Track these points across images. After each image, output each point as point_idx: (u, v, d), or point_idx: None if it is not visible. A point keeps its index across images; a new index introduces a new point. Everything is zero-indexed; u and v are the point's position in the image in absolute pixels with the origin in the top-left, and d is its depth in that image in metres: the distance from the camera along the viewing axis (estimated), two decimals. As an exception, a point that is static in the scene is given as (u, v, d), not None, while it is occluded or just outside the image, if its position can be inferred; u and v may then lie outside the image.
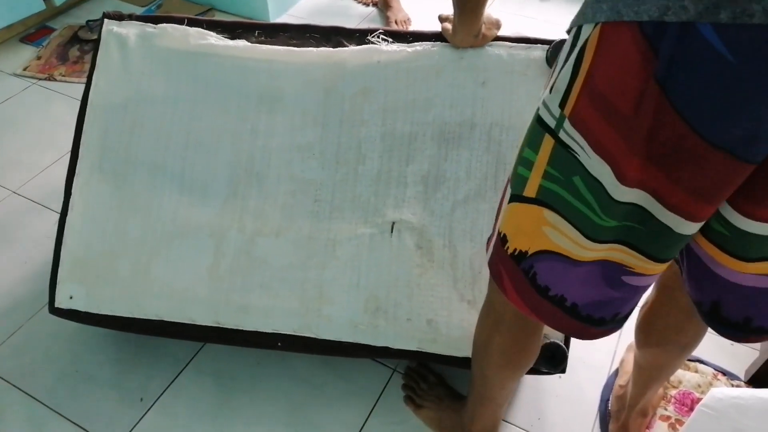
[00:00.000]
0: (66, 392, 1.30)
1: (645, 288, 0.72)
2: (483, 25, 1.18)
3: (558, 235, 0.66)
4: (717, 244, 0.68)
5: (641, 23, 0.51)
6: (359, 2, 2.52)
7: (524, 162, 0.68)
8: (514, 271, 0.73)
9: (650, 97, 0.53)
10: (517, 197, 0.70)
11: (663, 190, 0.58)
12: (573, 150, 0.61)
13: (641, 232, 0.63)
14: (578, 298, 0.70)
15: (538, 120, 0.65)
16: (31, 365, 1.35)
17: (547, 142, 0.64)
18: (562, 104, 0.61)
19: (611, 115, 0.56)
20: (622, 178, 0.58)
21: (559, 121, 0.61)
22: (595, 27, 0.55)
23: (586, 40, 0.56)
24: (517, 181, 0.69)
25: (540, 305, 0.73)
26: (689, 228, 0.62)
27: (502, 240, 0.73)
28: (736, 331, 0.76)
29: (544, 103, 0.64)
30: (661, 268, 0.68)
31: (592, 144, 0.59)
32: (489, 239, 0.82)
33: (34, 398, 1.29)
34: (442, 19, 1.24)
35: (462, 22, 1.14)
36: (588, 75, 0.57)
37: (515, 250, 0.71)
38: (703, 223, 0.62)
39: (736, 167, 0.55)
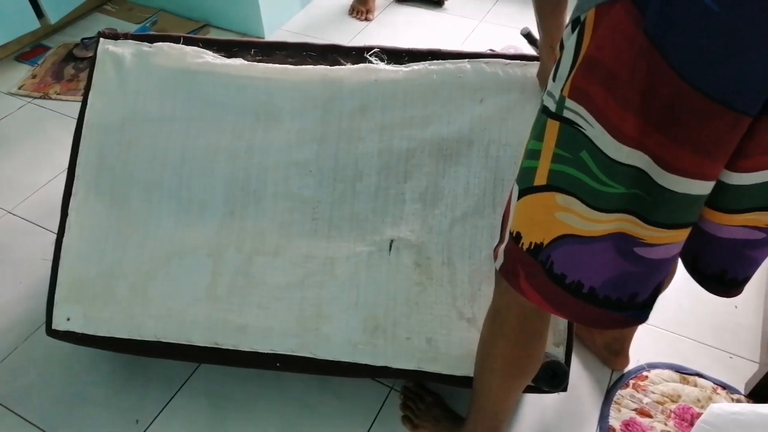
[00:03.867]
0: (62, 415, 1.28)
1: (660, 263, 0.71)
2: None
3: (569, 215, 0.68)
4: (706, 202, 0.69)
5: None
6: (354, 17, 2.53)
7: (530, 154, 0.71)
8: (532, 265, 0.74)
9: (644, 56, 0.56)
10: (526, 190, 0.72)
11: (663, 151, 0.60)
12: (578, 125, 0.64)
13: (646, 200, 0.64)
14: (594, 280, 0.71)
15: (543, 109, 0.68)
16: (26, 388, 1.33)
17: (552, 126, 0.66)
18: (564, 86, 0.64)
19: (608, 80, 0.60)
20: (620, 136, 0.61)
21: (560, 102, 0.65)
22: (588, 11, 0.60)
23: (583, 25, 0.61)
24: (525, 174, 0.72)
25: (559, 298, 0.74)
26: (694, 187, 0.63)
27: (516, 239, 0.75)
28: (717, 284, 0.79)
29: (548, 92, 0.67)
30: (671, 236, 0.68)
31: (593, 111, 0.62)
32: (496, 249, 0.82)
33: (30, 422, 1.27)
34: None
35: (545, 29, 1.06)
36: (586, 52, 0.61)
37: (531, 244, 0.73)
38: (711, 183, 0.63)
39: (733, 120, 0.57)
